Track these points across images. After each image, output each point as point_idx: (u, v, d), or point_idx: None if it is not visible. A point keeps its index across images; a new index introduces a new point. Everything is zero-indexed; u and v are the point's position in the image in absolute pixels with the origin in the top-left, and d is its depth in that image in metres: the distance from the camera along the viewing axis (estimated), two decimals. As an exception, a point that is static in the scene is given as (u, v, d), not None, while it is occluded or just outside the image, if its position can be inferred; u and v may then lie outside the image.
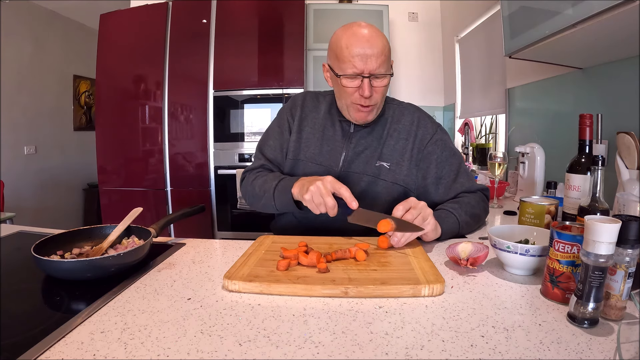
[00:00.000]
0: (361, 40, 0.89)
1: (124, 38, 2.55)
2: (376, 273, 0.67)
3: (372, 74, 0.90)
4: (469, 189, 1.03)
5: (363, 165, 1.03)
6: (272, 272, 0.67)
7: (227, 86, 2.47)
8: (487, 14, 2.30)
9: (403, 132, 1.04)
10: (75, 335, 0.49)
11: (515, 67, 1.95)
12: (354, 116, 1.00)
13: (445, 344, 0.47)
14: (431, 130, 1.05)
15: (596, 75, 1.41)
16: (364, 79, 0.90)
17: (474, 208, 0.99)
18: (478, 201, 1.02)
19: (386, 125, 1.05)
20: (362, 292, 0.60)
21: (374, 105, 0.97)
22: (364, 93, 0.91)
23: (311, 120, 1.09)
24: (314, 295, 0.61)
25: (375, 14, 2.69)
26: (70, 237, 0.80)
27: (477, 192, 1.04)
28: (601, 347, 0.46)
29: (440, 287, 0.61)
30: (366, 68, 0.89)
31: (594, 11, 0.92)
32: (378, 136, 1.04)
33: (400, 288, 0.61)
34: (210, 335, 0.49)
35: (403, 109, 1.09)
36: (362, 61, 0.89)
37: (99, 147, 2.60)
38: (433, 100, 3.14)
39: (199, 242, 0.91)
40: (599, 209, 0.72)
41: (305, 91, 1.18)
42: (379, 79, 0.92)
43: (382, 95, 0.97)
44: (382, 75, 0.92)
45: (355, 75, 0.90)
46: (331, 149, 1.06)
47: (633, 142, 1.04)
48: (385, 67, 0.92)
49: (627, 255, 0.51)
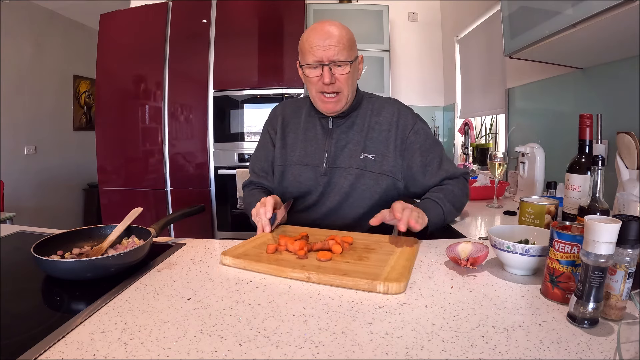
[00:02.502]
0: (320, 32, 0.97)
1: (124, 38, 2.55)
2: (347, 265, 0.71)
3: (331, 61, 0.96)
4: (453, 174, 1.07)
5: (347, 159, 1.06)
6: (260, 254, 0.77)
7: (227, 86, 2.47)
8: (487, 14, 2.29)
9: (385, 124, 1.07)
10: (75, 335, 0.49)
11: (515, 67, 1.95)
12: (321, 108, 1.05)
13: (445, 344, 0.47)
14: (411, 120, 1.08)
15: (596, 75, 1.41)
16: (324, 67, 0.97)
17: (457, 197, 1.04)
18: (461, 187, 1.06)
19: (366, 118, 1.09)
20: (321, 279, 0.66)
21: (339, 93, 1.01)
22: (324, 79, 0.97)
23: (293, 125, 1.14)
24: (283, 276, 0.69)
25: (375, 14, 2.69)
26: (70, 237, 0.80)
27: (459, 178, 1.08)
28: (601, 347, 0.46)
29: (397, 285, 0.61)
30: (325, 55, 0.96)
31: (594, 11, 0.92)
32: (359, 129, 1.08)
33: (357, 281, 0.63)
34: (210, 335, 0.49)
35: (383, 102, 1.12)
36: (320, 49, 0.96)
37: (99, 147, 2.60)
38: (433, 100, 3.14)
39: (199, 242, 0.91)
40: (599, 209, 0.72)
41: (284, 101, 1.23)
42: (339, 67, 0.98)
43: (347, 84, 1.00)
44: (342, 62, 0.97)
45: (316, 63, 0.97)
46: (315, 148, 1.09)
47: (633, 142, 1.04)
48: (345, 55, 0.97)
49: (627, 255, 0.51)
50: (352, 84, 1.03)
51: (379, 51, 2.68)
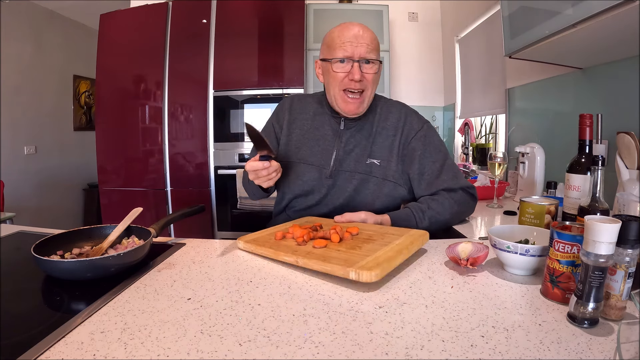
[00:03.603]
0: (352, 29, 0.96)
1: (124, 38, 2.55)
2: (337, 253, 0.72)
3: (362, 58, 0.95)
4: (451, 187, 1.02)
5: (354, 163, 1.04)
6: (270, 239, 0.83)
7: (227, 86, 2.47)
8: (487, 14, 2.29)
9: (391, 129, 1.06)
10: (75, 335, 0.49)
11: (515, 67, 1.95)
12: (342, 108, 1.02)
13: (445, 344, 0.47)
14: (417, 126, 1.06)
15: (596, 75, 1.41)
16: (354, 63, 0.95)
17: (440, 215, 0.99)
18: (457, 201, 1.01)
19: (374, 122, 1.07)
20: (306, 264, 0.69)
21: (364, 92, 0.99)
22: (354, 76, 0.95)
23: (300, 122, 1.12)
24: (277, 259, 0.74)
25: (375, 14, 2.69)
26: (70, 237, 0.80)
27: (457, 191, 1.02)
28: (601, 347, 0.46)
29: (368, 274, 0.61)
30: (356, 51, 0.95)
31: (594, 11, 0.92)
32: (367, 134, 1.06)
33: (334, 267, 0.65)
34: (210, 335, 0.49)
35: (390, 106, 1.10)
36: (352, 46, 0.95)
37: (99, 147, 2.60)
38: (433, 100, 3.14)
39: (199, 242, 0.91)
40: (599, 209, 0.72)
41: (291, 95, 1.21)
42: (368, 65, 0.97)
43: (372, 84, 0.99)
44: (372, 60, 0.96)
45: (346, 58, 0.96)
46: (322, 149, 1.07)
47: (633, 142, 1.04)
48: (375, 54, 0.97)
49: (627, 255, 0.51)
50: (375, 85, 1.02)
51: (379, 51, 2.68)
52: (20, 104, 3.45)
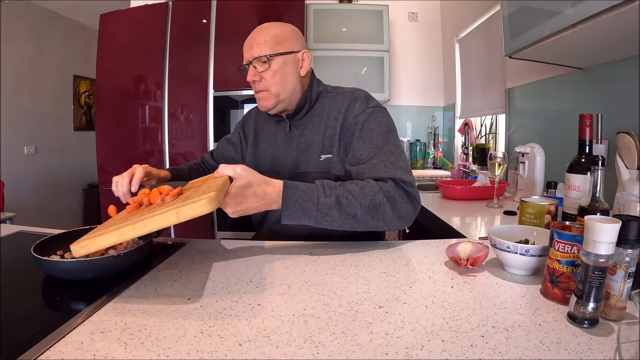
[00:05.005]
0: (250, 36, 0.98)
1: (124, 38, 2.55)
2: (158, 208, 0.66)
3: (254, 58, 0.96)
4: (380, 175, 0.85)
5: (308, 162, 1.00)
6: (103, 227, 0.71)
7: (227, 86, 2.47)
8: (487, 14, 2.30)
9: (338, 119, 0.99)
10: (75, 335, 0.49)
11: (515, 67, 1.95)
12: (258, 106, 1.04)
13: (445, 344, 0.47)
14: (357, 110, 0.96)
15: (596, 75, 1.41)
16: (249, 66, 0.97)
17: (355, 198, 0.79)
18: (375, 191, 0.81)
19: (323, 116, 1.01)
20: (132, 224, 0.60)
21: (265, 91, 0.98)
22: (248, 78, 0.97)
23: (266, 131, 1.11)
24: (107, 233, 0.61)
25: (375, 14, 2.69)
26: (70, 237, 0.80)
27: (387, 181, 0.84)
28: (601, 347, 0.46)
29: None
30: (248, 55, 0.97)
31: (594, 11, 0.92)
32: (317, 130, 1.00)
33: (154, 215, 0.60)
34: (210, 335, 0.49)
35: (341, 95, 1.02)
36: (245, 51, 0.97)
37: (99, 147, 2.60)
38: (433, 100, 3.14)
39: (199, 242, 0.91)
40: (599, 209, 0.72)
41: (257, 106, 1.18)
42: (260, 65, 0.96)
43: (273, 81, 0.96)
44: (264, 57, 0.95)
45: (245, 65, 0.98)
46: (279, 155, 1.05)
47: (633, 142, 1.04)
48: (267, 49, 0.95)
49: (627, 255, 0.51)
50: (281, 81, 0.96)
51: (379, 51, 2.68)
52: (20, 104, 3.45)
